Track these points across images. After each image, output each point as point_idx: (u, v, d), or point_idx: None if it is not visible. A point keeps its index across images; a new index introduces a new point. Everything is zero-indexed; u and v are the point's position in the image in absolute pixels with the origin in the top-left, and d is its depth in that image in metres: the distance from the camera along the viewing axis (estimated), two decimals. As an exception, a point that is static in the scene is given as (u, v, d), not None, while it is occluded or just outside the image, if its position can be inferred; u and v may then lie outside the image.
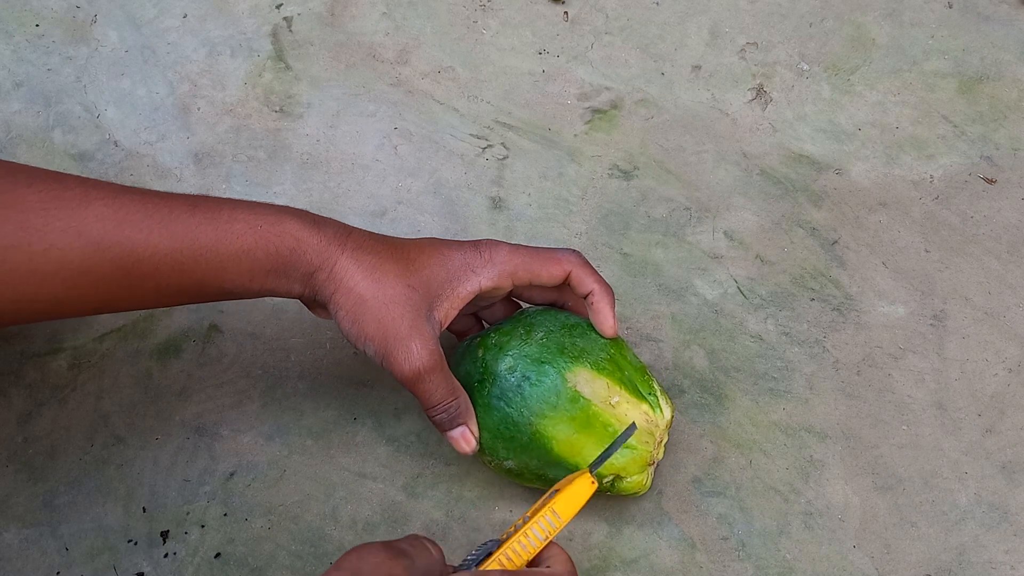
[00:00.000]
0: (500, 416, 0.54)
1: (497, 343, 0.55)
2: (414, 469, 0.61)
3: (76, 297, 0.49)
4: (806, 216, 0.70)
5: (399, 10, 0.79)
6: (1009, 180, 0.72)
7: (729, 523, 0.59)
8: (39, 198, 0.48)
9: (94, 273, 0.48)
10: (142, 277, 0.49)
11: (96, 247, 0.48)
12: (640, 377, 0.55)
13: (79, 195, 0.48)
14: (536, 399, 0.54)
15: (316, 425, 0.62)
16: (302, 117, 0.74)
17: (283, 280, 0.52)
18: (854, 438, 0.62)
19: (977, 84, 0.77)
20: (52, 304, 0.49)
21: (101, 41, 0.77)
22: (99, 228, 0.48)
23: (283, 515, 0.59)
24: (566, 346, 0.55)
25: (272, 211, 0.52)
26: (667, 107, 0.75)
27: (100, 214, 0.48)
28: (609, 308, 0.55)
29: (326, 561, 0.57)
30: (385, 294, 0.51)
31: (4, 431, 0.61)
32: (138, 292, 0.50)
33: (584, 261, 0.56)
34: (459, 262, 0.54)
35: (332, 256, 0.52)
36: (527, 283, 0.55)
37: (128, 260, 0.49)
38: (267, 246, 0.51)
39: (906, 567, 0.58)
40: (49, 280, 0.48)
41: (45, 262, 0.47)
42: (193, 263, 0.50)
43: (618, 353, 0.56)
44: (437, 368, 0.52)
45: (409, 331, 0.52)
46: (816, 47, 0.78)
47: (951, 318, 0.67)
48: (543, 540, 0.48)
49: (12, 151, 0.72)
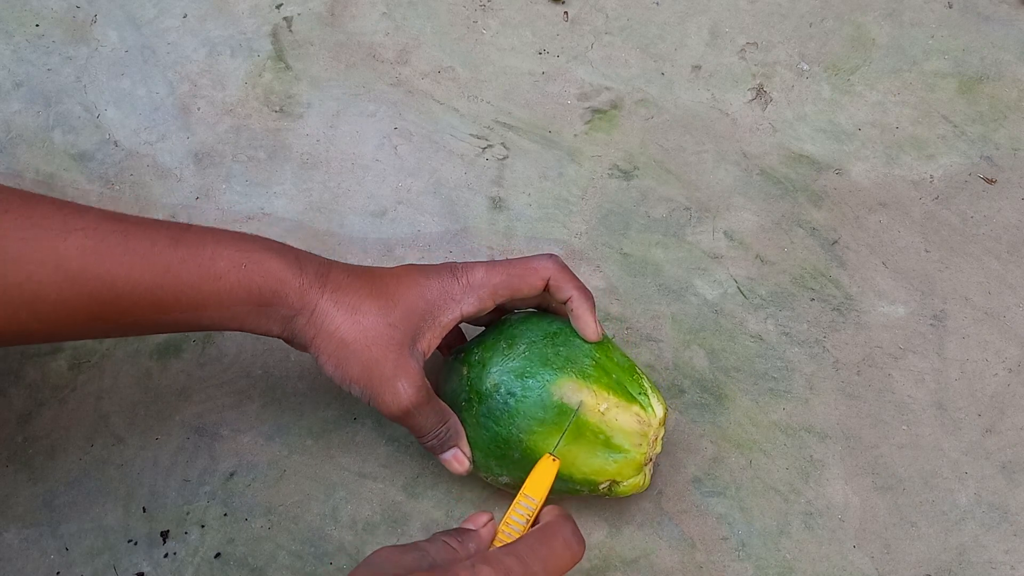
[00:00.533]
0: (490, 435, 0.54)
1: (480, 360, 0.55)
2: (414, 469, 0.61)
3: (48, 328, 0.48)
4: (806, 216, 0.70)
5: (399, 10, 0.79)
6: (1009, 180, 0.72)
7: (729, 523, 0.59)
8: (16, 226, 0.46)
9: (69, 305, 0.47)
10: (118, 312, 0.48)
11: (74, 280, 0.47)
12: (629, 377, 0.55)
13: (58, 224, 0.47)
14: (523, 415, 0.53)
15: (316, 425, 0.62)
16: (302, 117, 0.74)
17: (263, 320, 0.51)
18: (854, 438, 0.62)
19: (977, 84, 0.77)
20: (22, 334, 0.48)
21: (101, 41, 0.77)
22: (78, 262, 0.47)
23: (283, 515, 0.59)
24: (549, 357, 0.54)
25: (256, 248, 0.51)
26: (667, 107, 0.75)
27: (80, 246, 0.47)
28: (589, 313, 0.54)
29: (326, 561, 0.57)
30: (366, 336, 0.51)
31: (4, 431, 0.61)
32: (114, 325, 0.49)
33: (561, 266, 0.55)
34: (437, 291, 0.53)
35: (312, 299, 0.51)
36: (508, 299, 0.55)
37: (107, 295, 0.48)
38: (249, 286, 0.50)
39: (906, 567, 0.58)
40: (22, 311, 0.47)
41: (19, 294, 0.46)
42: (173, 300, 0.49)
43: (604, 356, 0.55)
44: (425, 401, 0.52)
45: (394, 370, 0.51)
46: (816, 47, 0.78)
47: (951, 318, 0.67)
48: (525, 523, 0.49)
49: (12, 151, 0.72)
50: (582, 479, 0.54)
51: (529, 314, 0.57)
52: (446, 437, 0.54)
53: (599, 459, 0.53)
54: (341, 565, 0.57)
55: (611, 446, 0.53)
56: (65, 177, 0.71)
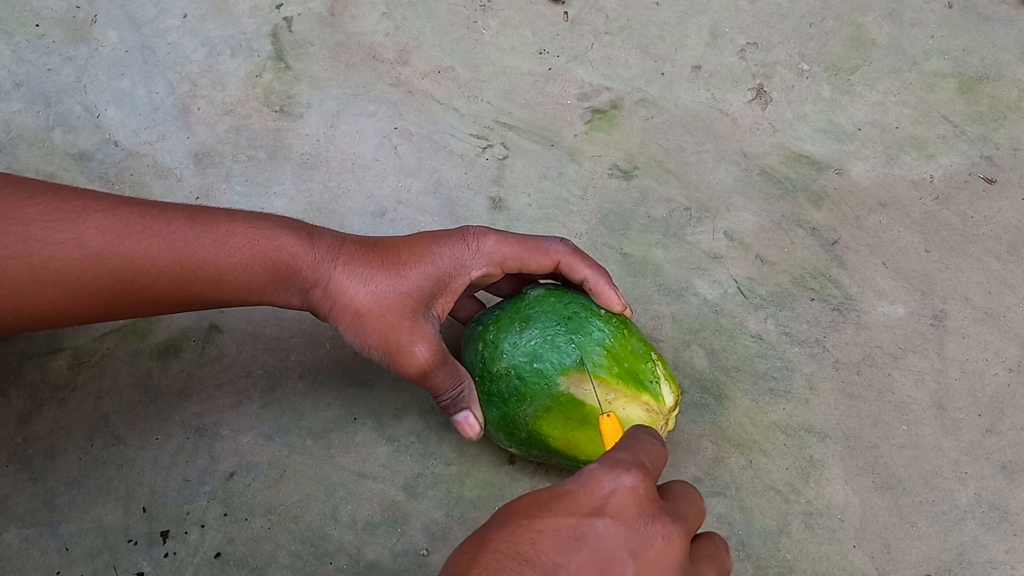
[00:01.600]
0: (500, 413, 0.55)
1: (494, 340, 0.55)
2: (414, 469, 0.61)
3: (75, 307, 0.50)
4: (806, 216, 0.70)
5: (399, 10, 0.79)
6: (1009, 180, 0.72)
7: (729, 523, 0.59)
8: (39, 209, 0.48)
9: (93, 284, 0.49)
10: (141, 288, 0.50)
11: (95, 259, 0.49)
12: (642, 365, 0.55)
13: (78, 207, 0.49)
14: (531, 401, 0.54)
15: (316, 425, 0.62)
16: (302, 117, 0.74)
17: (281, 294, 0.53)
18: (854, 438, 0.62)
19: (977, 84, 0.77)
20: (51, 314, 0.50)
21: (101, 41, 0.77)
22: (98, 240, 0.49)
23: (283, 515, 0.59)
24: (560, 345, 0.54)
25: (269, 224, 0.52)
26: (667, 107, 0.75)
27: (99, 226, 0.49)
28: (608, 287, 0.55)
29: (326, 561, 0.57)
30: (381, 305, 0.52)
31: (4, 431, 0.61)
32: (136, 303, 0.51)
33: (574, 249, 0.56)
34: (449, 258, 0.54)
35: (326, 272, 0.52)
36: (517, 271, 0.56)
37: (127, 272, 0.49)
38: (264, 261, 0.51)
39: (906, 567, 0.58)
40: (48, 290, 0.48)
41: (45, 273, 0.48)
42: (192, 276, 0.50)
43: (619, 343, 0.55)
44: (441, 363, 0.54)
45: (410, 336, 0.53)
46: (816, 47, 0.78)
47: (951, 318, 0.67)
48: None
49: (12, 151, 0.72)
50: (584, 460, 0.55)
51: (548, 292, 0.57)
52: (459, 397, 0.55)
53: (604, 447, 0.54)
54: (341, 565, 0.57)
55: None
56: (65, 177, 0.71)
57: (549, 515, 0.40)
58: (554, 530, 0.40)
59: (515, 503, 0.42)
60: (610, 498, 0.40)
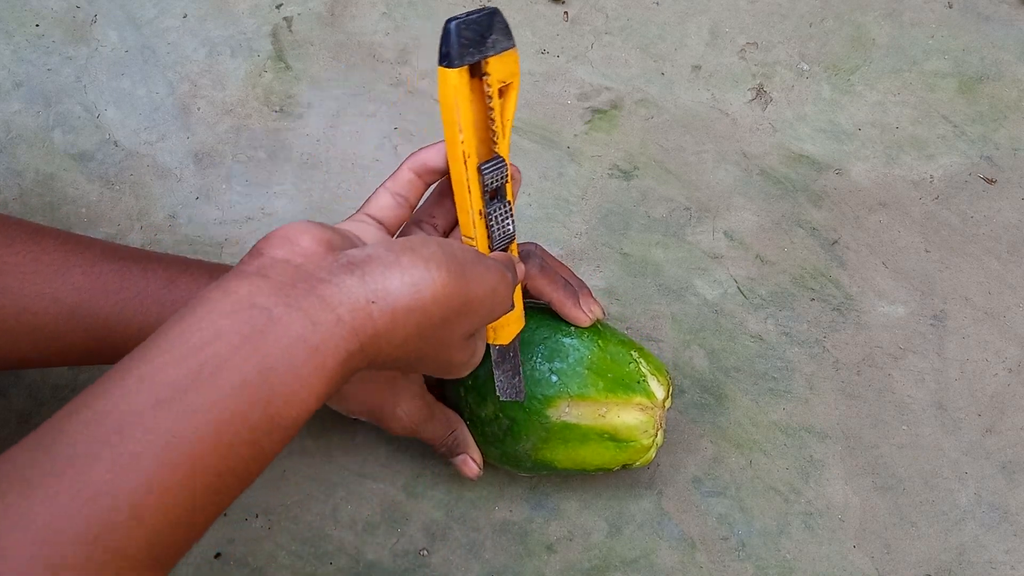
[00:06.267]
0: (499, 452, 0.56)
1: (474, 384, 0.55)
2: (414, 469, 0.61)
3: (46, 356, 0.50)
4: (806, 216, 0.70)
5: (399, 10, 0.79)
6: (1009, 180, 0.72)
7: (729, 523, 0.59)
8: (17, 260, 0.48)
9: (66, 339, 0.49)
10: (112, 346, 0.50)
11: (69, 316, 0.49)
12: (626, 368, 0.54)
13: (58, 259, 0.49)
14: (527, 437, 0.54)
15: (316, 425, 0.62)
16: (302, 117, 0.74)
17: None
18: (854, 438, 0.62)
19: (977, 84, 0.77)
20: (21, 360, 0.50)
21: (101, 41, 0.77)
22: (74, 298, 0.49)
23: (283, 515, 0.59)
24: (542, 378, 0.53)
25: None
26: (667, 107, 0.75)
27: (76, 284, 0.49)
28: (574, 308, 0.54)
29: (326, 561, 0.57)
30: (358, 376, 0.51)
31: (4, 431, 0.61)
32: (109, 357, 0.51)
33: (540, 268, 0.54)
34: None
35: None
36: None
37: (101, 331, 0.50)
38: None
39: (906, 567, 0.58)
40: (21, 340, 0.49)
41: (17, 324, 0.48)
42: None
43: (598, 353, 0.54)
44: (427, 418, 0.54)
45: (392, 397, 0.53)
46: (816, 47, 0.78)
47: (951, 318, 0.67)
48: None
49: (12, 151, 0.72)
50: (595, 469, 0.55)
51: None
52: (454, 444, 0.56)
53: (610, 452, 0.54)
54: (341, 565, 0.57)
55: (619, 439, 0.53)
56: (65, 177, 0.71)
57: None
58: None
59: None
60: None
